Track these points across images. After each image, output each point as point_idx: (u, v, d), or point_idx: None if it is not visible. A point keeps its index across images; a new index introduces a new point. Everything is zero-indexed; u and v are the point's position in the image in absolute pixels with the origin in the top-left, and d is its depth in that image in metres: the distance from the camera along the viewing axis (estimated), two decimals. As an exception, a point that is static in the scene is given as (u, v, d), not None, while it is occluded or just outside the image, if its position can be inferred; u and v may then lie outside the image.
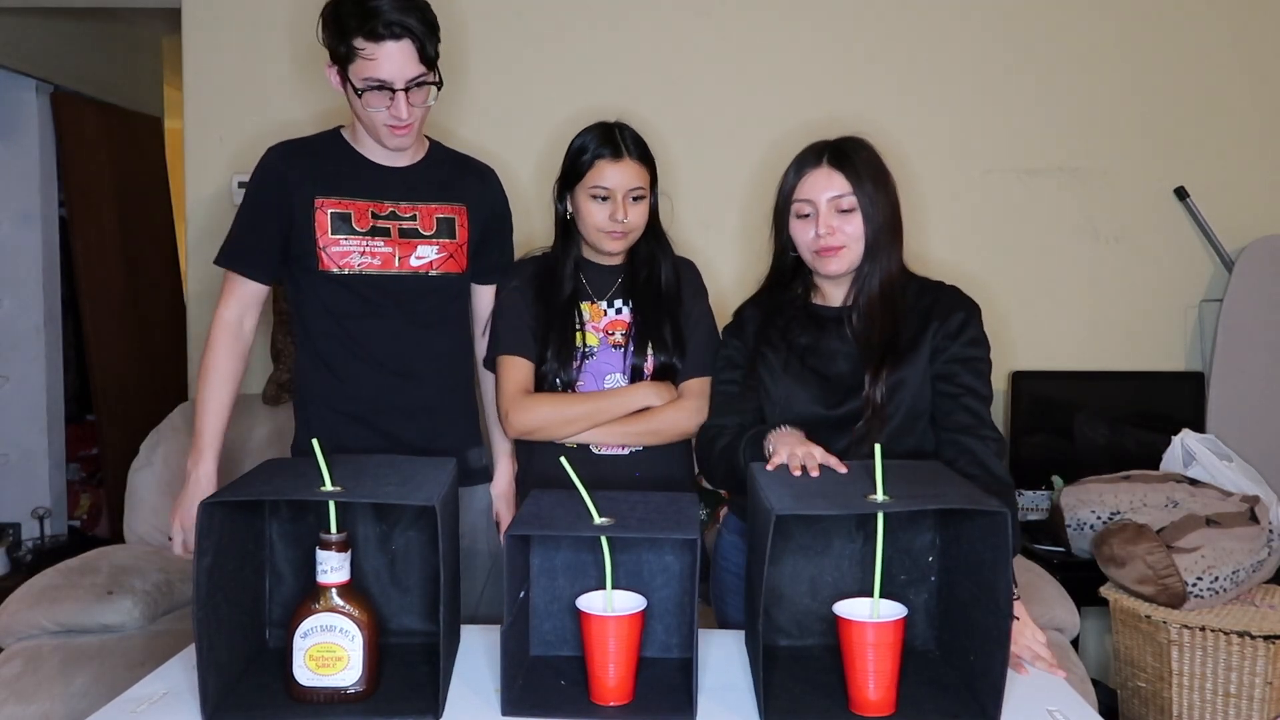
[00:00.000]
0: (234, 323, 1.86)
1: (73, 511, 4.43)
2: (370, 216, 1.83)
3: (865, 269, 1.66)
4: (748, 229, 2.76)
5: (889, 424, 1.62)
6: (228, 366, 1.85)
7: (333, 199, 1.83)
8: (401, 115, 1.73)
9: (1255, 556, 2.34)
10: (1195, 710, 2.30)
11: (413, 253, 1.85)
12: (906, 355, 1.64)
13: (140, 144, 4.80)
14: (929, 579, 1.38)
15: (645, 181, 1.85)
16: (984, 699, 1.20)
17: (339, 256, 1.82)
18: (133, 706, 1.20)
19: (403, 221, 1.85)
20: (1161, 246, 2.94)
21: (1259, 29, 2.93)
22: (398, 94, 1.71)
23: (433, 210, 1.87)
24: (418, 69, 1.71)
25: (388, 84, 1.71)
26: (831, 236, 1.64)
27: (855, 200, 1.64)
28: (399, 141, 1.80)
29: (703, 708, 1.22)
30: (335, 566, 1.21)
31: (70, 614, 2.21)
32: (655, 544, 1.35)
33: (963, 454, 1.61)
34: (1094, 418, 2.88)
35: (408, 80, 1.71)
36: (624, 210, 1.82)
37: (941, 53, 2.91)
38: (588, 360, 1.86)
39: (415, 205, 1.86)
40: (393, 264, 1.84)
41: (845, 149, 1.67)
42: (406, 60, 1.70)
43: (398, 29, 1.67)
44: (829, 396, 1.65)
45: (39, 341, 4.22)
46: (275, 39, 2.87)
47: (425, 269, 1.85)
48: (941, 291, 1.72)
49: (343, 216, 1.82)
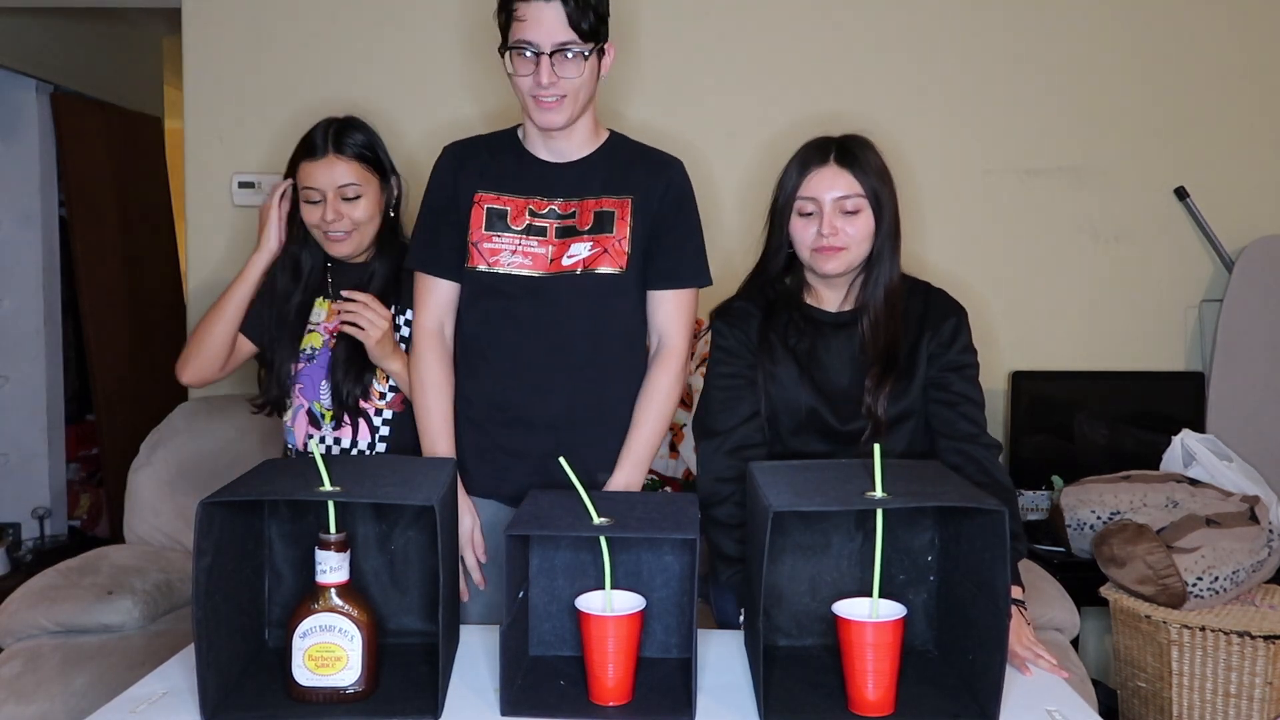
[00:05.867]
0: (435, 330, 1.79)
1: (73, 511, 4.43)
2: (528, 214, 1.75)
3: (872, 274, 1.65)
4: (736, 229, 2.75)
5: (893, 431, 1.62)
6: (439, 376, 1.79)
7: (492, 194, 1.77)
8: (543, 81, 1.64)
9: (1255, 556, 2.34)
10: (1195, 710, 2.30)
11: (566, 252, 1.74)
12: (907, 367, 1.64)
13: (140, 144, 4.80)
14: (928, 578, 1.38)
15: (358, 178, 1.87)
16: (983, 699, 1.20)
17: (490, 254, 1.75)
18: (132, 706, 1.20)
19: (562, 220, 1.75)
20: (1161, 246, 2.93)
21: (1259, 29, 2.92)
22: (542, 59, 1.64)
23: (592, 205, 1.75)
24: (567, 34, 1.63)
25: (533, 44, 1.64)
26: (834, 237, 1.61)
27: (861, 202, 1.62)
28: (545, 118, 1.69)
29: (702, 707, 1.22)
30: (334, 566, 1.21)
31: (70, 614, 2.21)
32: (654, 544, 1.35)
33: (969, 462, 1.62)
34: (1094, 418, 2.88)
35: (554, 44, 1.63)
36: (333, 210, 1.86)
37: (941, 53, 2.90)
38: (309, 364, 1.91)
39: (576, 201, 1.76)
40: (545, 265, 1.74)
41: (852, 147, 1.64)
42: (555, 24, 1.62)
43: None
44: (834, 406, 1.65)
45: (39, 341, 4.22)
46: (275, 39, 2.87)
47: (573, 268, 1.73)
48: (930, 295, 1.71)
49: (499, 213, 1.76)
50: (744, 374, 1.69)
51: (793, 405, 1.66)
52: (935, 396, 1.65)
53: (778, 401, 1.67)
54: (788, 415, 1.67)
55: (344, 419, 1.91)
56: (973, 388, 1.66)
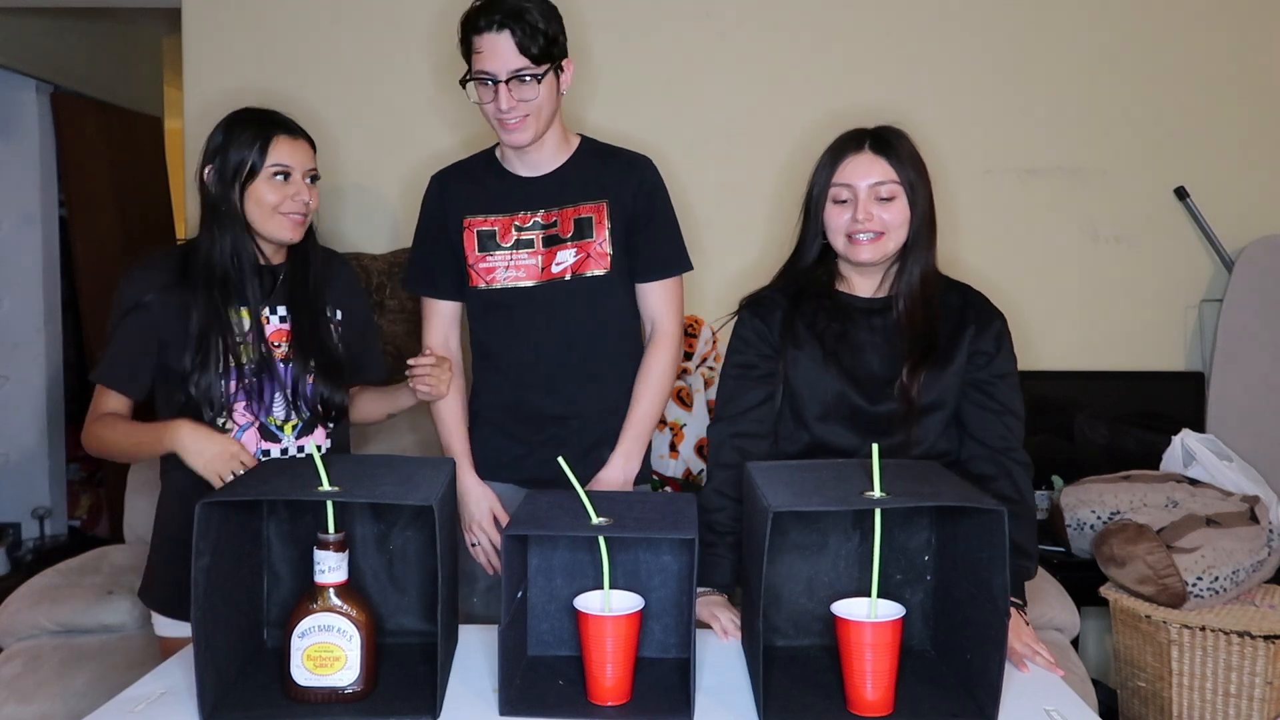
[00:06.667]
0: (440, 345, 1.94)
1: (73, 511, 4.43)
2: (514, 230, 1.87)
3: (907, 262, 1.64)
4: (752, 228, 2.76)
5: (923, 420, 1.61)
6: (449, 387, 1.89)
7: (479, 217, 1.88)
8: (502, 106, 1.76)
9: (1255, 556, 2.34)
10: (1195, 710, 2.30)
11: (554, 260, 1.86)
12: (945, 356, 1.62)
13: (140, 144, 4.80)
14: (924, 578, 1.38)
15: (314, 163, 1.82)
16: (982, 698, 1.20)
17: (486, 273, 1.87)
18: (131, 706, 1.21)
19: (546, 229, 1.86)
20: (1161, 246, 2.93)
21: (1259, 29, 2.92)
22: (500, 86, 1.75)
23: (570, 213, 1.87)
24: (519, 61, 1.74)
25: (489, 74, 1.75)
26: (870, 222, 1.61)
27: (896, 189, 1.61)
28: (511, 138, 1.80)
29: (700, 707, 1.22)
30: (333, 566, 1.21)
31: (70, 614, 2.22)
32: (653, 544, 1.35)
33: (1004, 475, 1.61)
34: (1094, 418, 2.88)
35: (509, 71, 1.74)
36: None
37: (941, 53, 2.91)
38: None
39: (556, 211, 1.86)
40: (536, 274, 1.86)
41: (887, 137, 1.65)
42: (508, 53, 1.73)
43: (498, 21, 1.73)
44: (865, 391, 1.63)
45: (39, 341, 4.22)
46: (275, 39, 2.87)
47: (562, 274, 1.85)
48: (970, 293, 1.70)
49: (488, 233, 1.88)
50: (756, 363, 1.69)
51: (818, 389, 1.64)
52: (976, 400, 1.64)
53: (802, 387, 1.65)
54: (814, 401, 1.64)
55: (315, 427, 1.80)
56: (1016, 398, 1.65)
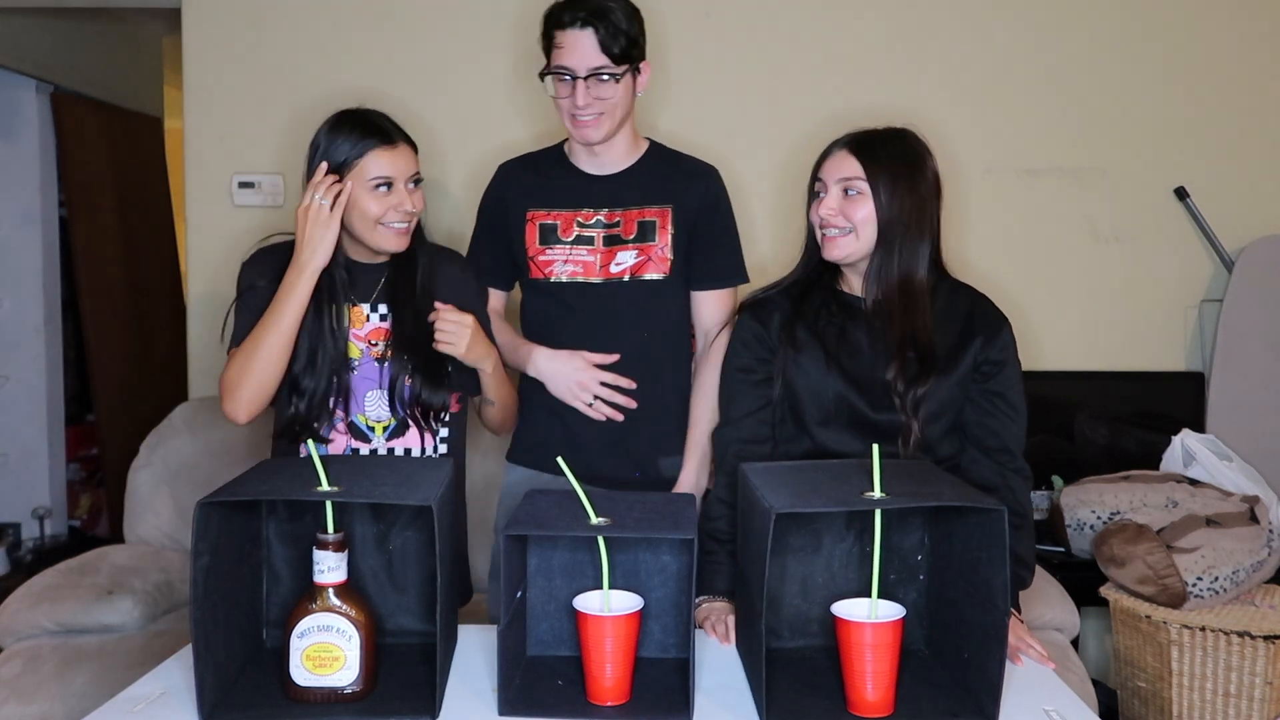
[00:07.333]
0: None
1: (73, 511, 4.43)
2: (576, 226, 1.90)
3: (878, 261, 1.63)
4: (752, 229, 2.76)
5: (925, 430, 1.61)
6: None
7: (542, 211, 1.91)
8: (579, 103, 1.78)
9: (1255, 556, 2.33)
10: (1195, 710, 2.30)
11: (613, 260, 1.88)
12: (948, 364, 1.62)
13: (140, 144, 4.80)
14: (918, 578, 1.38)
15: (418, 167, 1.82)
16: (981, 698, 1.20)
17: (545, 265, 1.90)
18: (130, 706, 1.21)
19: (608, 229, 1.90)
20: (1161, 246, 2.93)
21: (1259, 29, 2.92)
22: (578, 83, 1.77)
23: (635, 215, 1.90)
24: (600, 59, 1.77)
25: (569, 70, 1.78)
26: (834, 218, 1.62)
27: (863, 186, 1.61)
28: (583, 134, 1.83)
29: (699, 708, 1.22)
30: (332, 566, 1.21)
31: (70, 614, 2.21)
32: (652, 544, 1.35)
33: (1003, 486, 1.62)
34: (1094, 418, 2.88)
35: (589, 69, 1.77)
36: (411, 200, 1.75)
37: (941, 54, 2.90)
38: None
39: (620, 211, 1.89)
40: (594, 271, 1.88)
41: (871, 138, 1.66)
42: (589, 50, 1.76)
43: (583, 18, 1.76)
44: (865, 393, 1.62)
45: (39, 341, 4.22)
46: (275, 39, 2.87)
47: (621, 275, 1.88)
48: (977, 298, 1.70)
49: (550, 227, 1.90)
50: (754, 367, 1.69)
51: (819, 392, 1.63)
52: (982, 408, 1.63)
53: (802, 390, 1.64)
54: (814, 405, 1.64)
55: (408, 429, 1.78)
56: (1021, 407, 1.66)
